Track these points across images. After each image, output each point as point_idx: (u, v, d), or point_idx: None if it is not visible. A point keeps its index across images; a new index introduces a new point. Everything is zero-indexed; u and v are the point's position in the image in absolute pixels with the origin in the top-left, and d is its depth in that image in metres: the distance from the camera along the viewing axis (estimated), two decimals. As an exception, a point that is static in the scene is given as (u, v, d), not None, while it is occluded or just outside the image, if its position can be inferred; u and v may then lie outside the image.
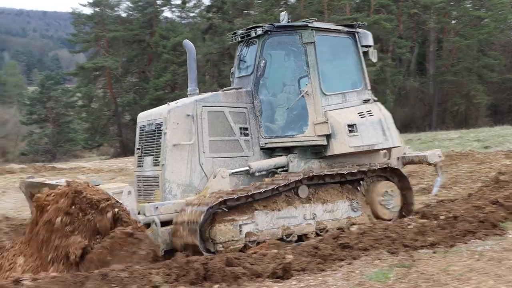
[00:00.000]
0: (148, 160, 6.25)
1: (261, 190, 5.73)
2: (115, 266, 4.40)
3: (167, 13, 46.12)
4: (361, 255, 4.93)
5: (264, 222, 5.87)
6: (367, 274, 4.29)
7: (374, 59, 7.25)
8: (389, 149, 7.21)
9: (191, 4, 41.63)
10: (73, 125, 41.19)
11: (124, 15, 41.13)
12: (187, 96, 6.73)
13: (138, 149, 6.52)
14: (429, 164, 7.71)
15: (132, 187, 5.53)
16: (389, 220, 6.56)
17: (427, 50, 35.70)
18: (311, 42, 6.61)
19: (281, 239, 5.87)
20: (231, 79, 7.48)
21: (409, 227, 5.82)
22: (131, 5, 40.55)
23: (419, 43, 36.14)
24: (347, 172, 6.47)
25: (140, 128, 6.53)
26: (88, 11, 40.57)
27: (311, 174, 6.20)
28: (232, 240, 5.52)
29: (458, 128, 25.78)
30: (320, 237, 6.05)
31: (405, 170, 7.57)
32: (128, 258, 4.63)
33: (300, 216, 6.18)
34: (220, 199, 5.41)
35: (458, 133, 21.22)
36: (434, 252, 4.93)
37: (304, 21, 6.78)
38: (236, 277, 4.29)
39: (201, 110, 6.17)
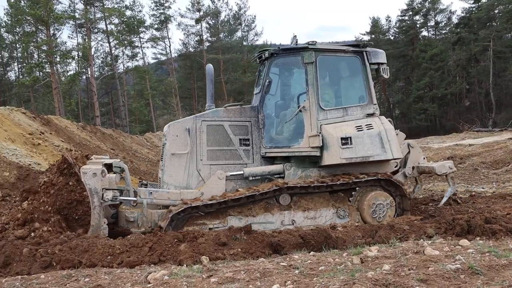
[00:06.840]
0: (161, 164, 7.21)
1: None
2: (397, 219, 6.06)
3: (424, 33, 60.30)
4: None
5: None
6: None
7: (385, 75, 7.26)
8: (399, 160, 7.24)
9: (442, 24, 58.53)
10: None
11: (392, 38, 62.24)
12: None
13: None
14: (438, 175, 7.65)
15: (99, 170, 6.07)
16: None
17: None
18: (311, 62, 6.90)
19: None
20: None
21: None
22: (397, 29, 60.48)
23: None
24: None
25: (162, 139, 7.52)
26: (366, 37, 59.87)
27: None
28: None
29: None
30: None
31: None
32: None
33: (278, 222, 6.52)
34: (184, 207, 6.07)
35: None
36: None
37: (306, 43, 7.08)
38: (494, 232, 5.17)
39: (200, 124, 6.91)
